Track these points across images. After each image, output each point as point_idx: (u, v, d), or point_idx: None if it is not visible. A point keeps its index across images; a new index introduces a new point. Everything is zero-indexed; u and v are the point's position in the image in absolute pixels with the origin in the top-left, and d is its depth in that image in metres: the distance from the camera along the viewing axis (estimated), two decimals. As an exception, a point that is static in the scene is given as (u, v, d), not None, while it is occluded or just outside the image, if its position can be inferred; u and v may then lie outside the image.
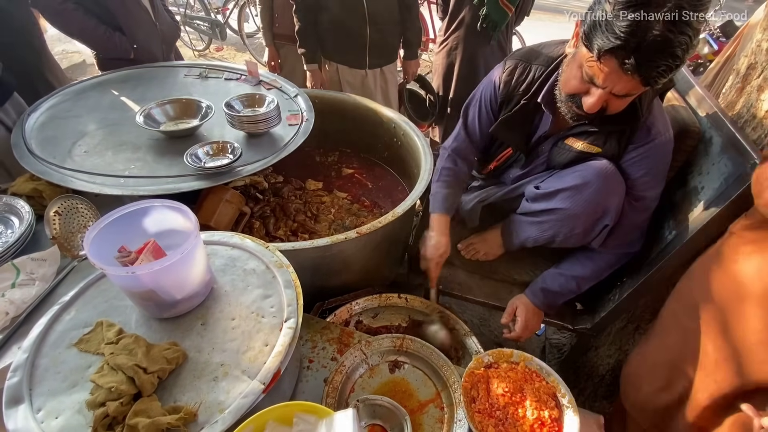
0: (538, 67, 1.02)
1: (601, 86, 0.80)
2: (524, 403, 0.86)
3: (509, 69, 1.06)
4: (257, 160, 1.31)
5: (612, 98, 0.82)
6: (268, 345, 0.78)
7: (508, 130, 1.10)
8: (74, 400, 0.69)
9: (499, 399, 0.87)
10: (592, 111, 0.84)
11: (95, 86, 1.63)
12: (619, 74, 0.76)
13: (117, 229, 0.79)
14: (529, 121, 1.07)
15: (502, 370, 0.92)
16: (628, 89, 0.78)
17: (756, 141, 0.87)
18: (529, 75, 1.03)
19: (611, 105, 0.85)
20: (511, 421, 0.84)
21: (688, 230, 0.90)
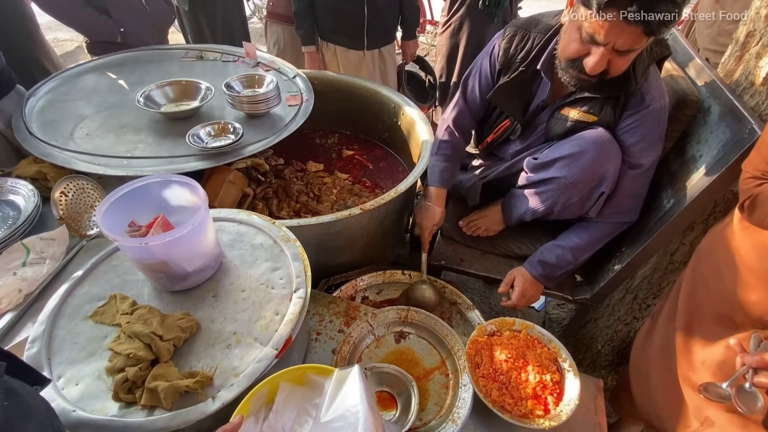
0: (537, 34, 1.03)
1: (602, 43, 0.81)
2: (526, 368, 0.89)
3: (509, 36, 1.08)
4: (259, 140, 1.32)
5: (614, 57, 0.83)
6: (279, 314, 0.80)
7: (505, 97, 1.11)
8: (93, 368, 0.71)
9: (502, 365, 0.90)
10: (596, 71, 0.85)
11: (92, 70, 1.62)
12: (621, 26, 0.77)
13: (126, 205, 0.80)
14: (527, 89, 1.09)
15: (504, 337, 0.95)
16: (630, 42, 0.79)
17: (754, 108, 0.88)
18: (528, 43, 1.04)
19: (613, 65, 0.86)
20: (514, 384, 0.87)
21: (686, 198, 0.92)
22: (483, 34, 1.99)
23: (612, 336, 1.36)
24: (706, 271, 0.85)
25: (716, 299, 0.81)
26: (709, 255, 0.85)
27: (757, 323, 0.74)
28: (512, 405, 0.85)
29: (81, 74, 1.60)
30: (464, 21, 1.99)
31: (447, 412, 0.86)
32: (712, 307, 0.82)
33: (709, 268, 0.83)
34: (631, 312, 1.26)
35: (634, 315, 1.26)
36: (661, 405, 0.97)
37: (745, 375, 0.68)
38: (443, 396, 0.91)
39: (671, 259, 1.11)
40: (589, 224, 1.13)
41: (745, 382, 0.67)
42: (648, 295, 1.21)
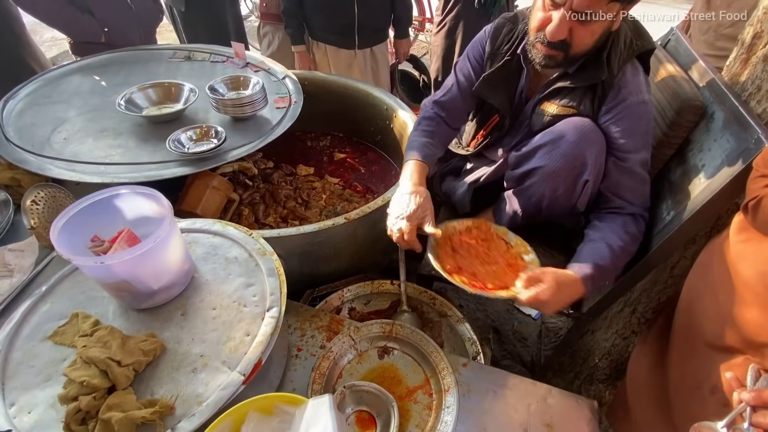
0: (523, 25, 1.02)
1: (560, 2, 0.82)
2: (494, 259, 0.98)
3: (496, 28, 1.07)
4: (243, 144, 1.27)
5: (575, 25, 0.84)
6: (250, 335, 0.75)
7: (491, 87, 1.08)
8: (48, 395, 0.67)
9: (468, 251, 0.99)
10: (556, 37, 0.85)
11: (75, 71, 1.58)
12: None
13: (89, 218, 0.76)
14: (514, 80, 1.07)
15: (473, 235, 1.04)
16: (588, 3, 0.79)
17: (761, 115, 0.82)
18: (514, 34, 1.04)
19: (576, 35, 0.86)
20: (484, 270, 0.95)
21: (686, 210, 0.86)
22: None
23: (610, 349, 1.30)
24: (701, 286, 0.79)
25: (709, 317, 0.75)
26: (705, 269, 0.80)
27: (750, 346, 0.68)
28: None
29: (64, 76, 1.56)
30: (459, 20, 1.93)
31: (429, 437, 0.81)
32: (704, 326, 0.77)
33: (704, 283, 0.78)
34: (630, 326, 1.21)
35: (633, 329, 1.21)
36: (657, 426, 0.92)
37: (743, 414, 0.63)
38: (425, 418, 0.86)
39: (671, 272, 1.05)
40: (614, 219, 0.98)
41: (743, 422, 0.62)
42: (647, 309, 1.15)
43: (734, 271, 0.71)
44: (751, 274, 0.68)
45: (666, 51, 1.15)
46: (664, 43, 1.18)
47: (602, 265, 0.90)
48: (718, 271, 0.75)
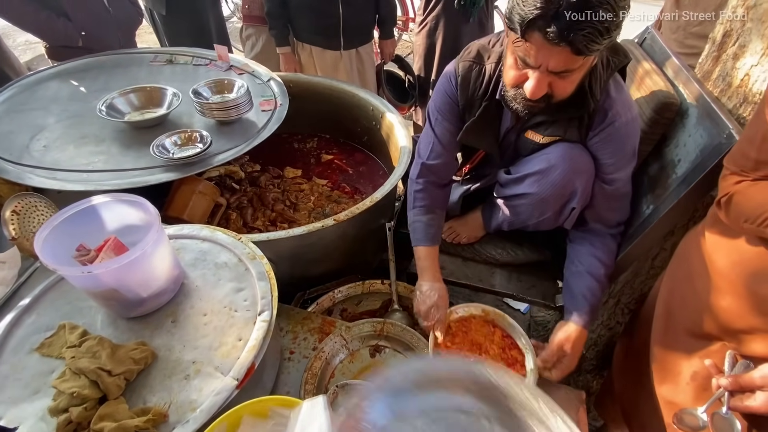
0: (491, 65, 0.96)
1: (534, 66, 0.77)
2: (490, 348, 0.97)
3: (464, 73, 1.00)
4: (229, 148, 1.26)
5: (554, 80, 0.79)
6: (242, 339, 0.76)
7: (476, 135, 1.04)
8: (37, 408, 0.66)
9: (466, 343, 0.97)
10: (535, 96, 0.81)
11: (53, 77, 1.55)
12: (548, 48, 0.72)
13: (74, 227, 0.75)
14: (496, 120, 1.03)
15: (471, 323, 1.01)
16: (564, 63, 0.75)
17: (732, 110, 0.86)
18: (484, 76, 0.98)
19: (556, 88, 0.81)
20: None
21: (665, 204, 0.90)
22: (459, 33, 1.95)
23: (596, 340, 1.34)
24: (679, 276, 0.82)
25: (688, 305, 0.79)
26: (683, 259, 0.83)
27: (727, 332, 0.71)
28: None
29: (40, 82, 1.52)
30: (440, 20, 1.95)
31: (422, 435, 0.82)
32: (683, 314, 0.80)
33: (683, 273, 0.81)
34: (614, 317, 1.24)
35: (617, 320, 1.24)
36: (641, 412, 0.95)
37: (722, 398, 0.66)
38: (419, 416, 0.87)
39: (652, 264, 1.09)
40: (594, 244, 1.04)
41: (722, 407, 0.65)
42: (630, 299, 1.19)
43: (710, 261, 0.74)
44: (725, 263, 0.71)
45: (642, 49, 1.19)
46: (640, 41, 1.21)
47: (595, 304, 0.99)
48: (695, 261, 0.78)
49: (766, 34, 0.78)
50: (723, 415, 0.67)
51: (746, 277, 0.68)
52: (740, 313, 0.69)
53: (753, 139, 0.64)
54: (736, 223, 0.68)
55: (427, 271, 1.07)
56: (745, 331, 0.70)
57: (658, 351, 0.86)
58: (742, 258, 0.69)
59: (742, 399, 0.64)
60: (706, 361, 0.72)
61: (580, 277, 1.02)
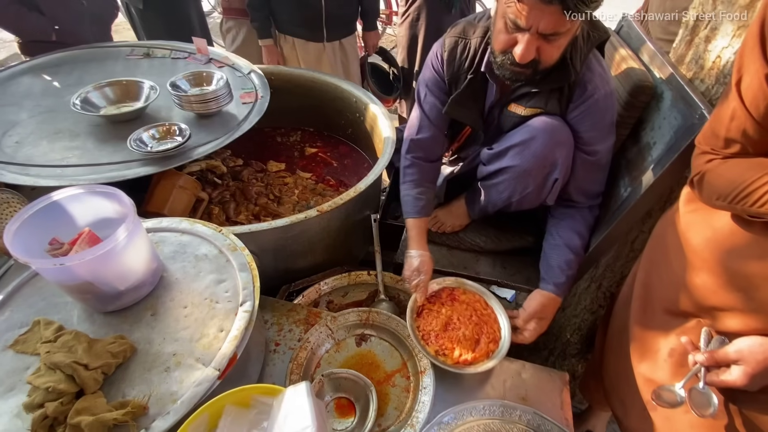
0: (477, 39, 0.99)
1: (525, 27, 0.80)
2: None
3: (449, 48, 1.02)
4: (209, 141, 1.24)
5: (543, 44, 0.82)
6: (224, 330, 0.75)
7: (461, 108, 1.07)
8: (12, 405, 0.64)
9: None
10: (525, 60, 0.83)
11: (25, 72, 1.50)
12: (540, 6, 0.75)
13: (46, 221, 0.73)
14: (481, 95, 1.06)
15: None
16: (554, 25, 0.78)
17: (704, 93, 0.87)
18: (469, 50, 1.01)
19: (544, 53, 0.84)
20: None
21: (642, 186, 0.91)
22: (441, 24, 1.95)
23: (580, 324, 1.36)
24: (656, 256, 0.84)
25: (664, 284, 0.80)
26: (659, 239, 0.85)
27: (702, 309, 0.73)
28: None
29: (13, 77, 1.47)
30: (422, 11, 1.95)
31: (406, 417, 0.83)
32: (661, 293, 0.81)
33: (660, 253, 0.83)
34: (597, 300, 1.26)
35: (599, 303, 1.26)
36: (621, 390, 0.98)
37: (698, 374, 0.67)
38: (403, 400, 0.87)
39: (632, 246, 1.11)
40: (574, 217, 1.08)
41: (699, 382, 0.67)
42: (611, 283, 1.21)
43: (684, 239, 0.76)
44: (698, 241, 0.73)
45: (619, 36, 1.20)
46: (618, 29, 1.23)
47: (571, 276, 1.05)
48: (671, 240, 0.80)
49: (736, 16, 0.80)
50: (700, 390, 0.68)
51: (719, 254, 0.70)
52: (714, 289, 0.71)
53: (722, 118, 0.65)
54: (709, 200, 0.70)
55: (414, 240, 1.12)
56: (719, 307, 0.71)
57: (636, 330, 0.88)
58: (715, 235, 0.70)
59: (718, 374, 0.66)
60: (683, 338, 0.73)
61: (558, 250, 1.07)
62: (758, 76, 0.55)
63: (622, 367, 0.92)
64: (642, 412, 0.87)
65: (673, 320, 0.80)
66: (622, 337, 0.93)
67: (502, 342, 0.96)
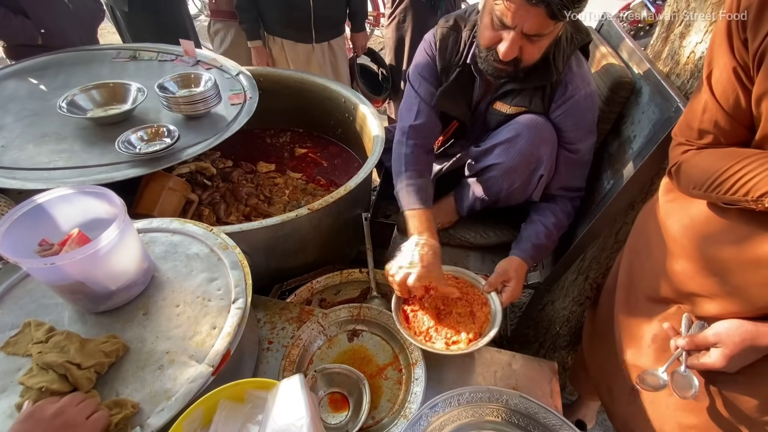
0: (467, 32, 1.02)
1: (511, 26, 0.82)
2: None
3: (441, 38, 1.05)
4: (198, 142, 1.24)
5: (526, 43, 0.85)
6: (216, 328, 0.75)
7: (449, 101, 1.09)
8: (4, 406, 0.64)
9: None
10: (508, 57, 0.86)
11: (10, 76, 1.48)
12: (526, 8, 0.78)
13: (35, 222, 0.73)
14: (469, 88, 1.08)
15: None
16: (538, 26, 0.81)
17: (680, 87, 0.91)
18: (460, 42, 1.03)
19: (526, 52, 0.87)
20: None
21: (623, 178, 0.94)
22: (427, 25, 1.96)
23: (568, 317, 1.39)
24: (639, 245, 0.87)
25: (646, 272, 0.83)
26: (641, 229, 0.87)
27: (681, 295, 0.76)
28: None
29: (-3, 81, 1.46)
30: (408, 13, 1.98)
31: (399, 408, 0.84)
32: (643, 281, 0.84)
33: (642, 242, 0.86)
34: (584, 292, 1.29)
35: (587, 295, 1.29)
36: (608, 378, 1.00)
37: (680, 358, 0.70)
38: (396, 392, 0.89)
39: (616, 238, 1.14)
40: (555, 201, 1.11)
41: (680, 365, 0.69)
42: (598, 274, 1.24)
43: (664, 228, 0.79)
44: (677, 228, 0.75)
45: (600, 35, 1.24)
46: (598, 27, 1.27)
47: (538, 244, 1.08)
48: (652, 229, 0.82)
49: (709, 12, 0.83)
50: (682, 373, 0.71)
51: (696, 241, 0.73)
52: (692, 275, 0.74)
53: (695, 111, 0.68)
54: (686, 189, 0.73)
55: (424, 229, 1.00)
56: (698, 293, 0.74)
57: (621, 318, 0.91)
58: (693, 222, 0.73)
59: (699, 357, 0.69)
60: (665, 324, 0.76)
61: (530, 224, 1.12)
62: (726, 69, 0.58)
63: (609, 355, 0.95)
64: (628, 397, 0.89)
65: (656, 307, 0.83)
66: (608, 326, 0.96)
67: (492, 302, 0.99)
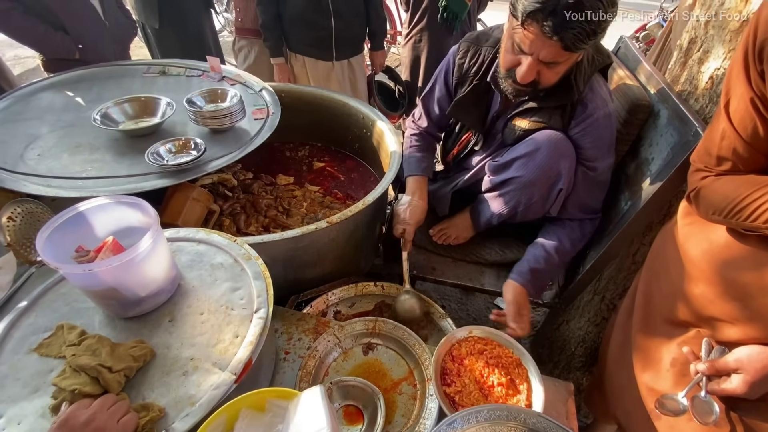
0: (488, 49, 1.07)
1: (528, 53, 0.86)
2: (492, 372, 0.90)
3: (462, 52, 1.11)
4: (223, 155, 1.29)
5: (543, 68, 0.88)
6: (239, 336, 0.77)
7: (463, 110, 1.14)
8: (37, 406, 0.67)
9: (469, 371, 0.90)
10: (525, 81, 0.90)
11: (47, 88, 1.56)
12: (542, 38, 0.82)
13: (72, 229, 0.76)
14: (483, 101, 1.12)
15: (472, 341, 0.96)
16: (553, 55, 0.84)
17: (698, 111, 0.92)
18: (480, 57, 1.08)
19: (543, 76, 0.91)
20: (481, 391, 0.87)
21: (641, 200, 0.95)
22: (443, 45, 2.04)
23: (584, 337, 1.37)
24: (657, 267, 0.87)
25: (665, 295, 0.83)
26: (660, 251, 0.88)
27: (701, 319, 0.75)
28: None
29: (35, 93, 1.54)
30: (424, 33, 2.04)
31: (414, 424, 0.84)
32: (662, 304, 0.84)
33: (660, 264, 0.86)
34: (600, 313, 1.28)
35: (603, 316, 1.28)
36: (625, 400, 0.99)
37: (700, 383, 0.69)
38: (410, 407, 0.89)
39: (633, 259, 1.13)
40: (563, 225, 1.14)
41: (701, 391, 0.69)
42: (614, 295, 1.23)
43: (683, 251, 0.79)
44: (696, 252, 0.76)
45: (617, 57, 1.26)
46: (615, 50, 1.29)
47: (536, 269, 1.11)
48: (670, 252, 0.83)
49: (727, 40, 0.85)
50: (702, 398, 0.71)
51: (716, 265, 0.73)
52: (712, 299, 0.74)
53: (713, 138, 0.69)
54: (706, 214, 0.73)
55: (412, 191, 1.25)
56: (718, 317, 0.74)
57: (639, 340, 0.90)
58: (712, 247, 0.73)
59: (719, 383, 0.68)
60: (684, 348, 0.76)
61: (533, 246, 1.16)
62: (744, 99, 0.59)
63: (626, 378, 0.94)
64: (646, 421, 0.88)
65: (674, 330, 0.82)
66: (625, 348, 0.95)
67: (522, 355, 0.91)
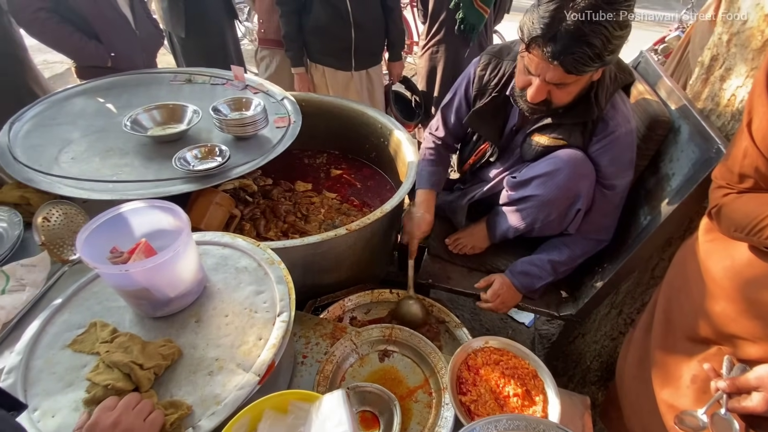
0: (509, 62, 1.09)
1: (535, 74, 0.89)
2: (508, 383, 0.91)
3: (483, 64, 1.13)
4: (246, 162, 1.33)
5: (553, 89, 0.90)
6: (262, 339, 0.80)
7: (480, 121, 1.16)
8: (70, 399, 0.70)
9: (485, 381, 0.90)
10: (534, 101, 0.93)
11: (79, 94, 1.63)
12: (545, 63, 0.84)
13: (108, 231, 0.80)
14: (501, 113, 1.14)
15: (488, 352, 0.96)
16: (558, 78, 0.86)
17: (720, 128, 0.92)
18: (500, 70, 1.10)
19: (554, 96, 0.93)
20: (498, 402, 0.88)
21: (661, 215, 0.95)
22: (459, 57, 2.06)
23: (600, 351, 1.36)
24: (677, 283, 0.87)
25: (685, 311, 0.83)
26: (680, 267, 0.87)
27: (722, 336, 0.75)
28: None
29: (68, 98, 1.61)
30: (441, 44, 2.07)
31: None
32: (681, 320, 0.84)
33: (680, 280, 0.86)
34: (617, 327, 1.27)
35: (620, 330, 1.27)
36: (643, 417, 0.98)
37: (720, 400, 0.69)
38: (426, 415, 0.90)
39: (652, 274, 1.13)
40: (567, 240, 1.16)
41: (721, 408, 0.69)
42: (632, 310, 1.22)
43: (704, 267, 0.79)
44: (717, 269, 0.76)
45: (637, 72, 1.26)
46: (635, 65, 1.29)
47: (526, 270, 1.19)
48: (691, 268, 0.83)
49: (749, 58, 0.85)
50: (722, 416, 0.70)
51: (738, 283, 0.73)
52: (733, 317, 0.73)
53: (735, 156, 0.69)
54: (727, 231, 0.73)
55: (421, 203, 1.30)
56: (739, 335, 0.74)
57: (658, 356, 0.89)
58: (734, 264, 0.73)
59: (740, 400, 0.68)
60: (705, 365, 0.75)
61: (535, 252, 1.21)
62: (766, 119, 0.60)
63: (644, 393, 0.93)
64: None
65: (695, 347, 0.82)
66: (644, 363, 0.95)
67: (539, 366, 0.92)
